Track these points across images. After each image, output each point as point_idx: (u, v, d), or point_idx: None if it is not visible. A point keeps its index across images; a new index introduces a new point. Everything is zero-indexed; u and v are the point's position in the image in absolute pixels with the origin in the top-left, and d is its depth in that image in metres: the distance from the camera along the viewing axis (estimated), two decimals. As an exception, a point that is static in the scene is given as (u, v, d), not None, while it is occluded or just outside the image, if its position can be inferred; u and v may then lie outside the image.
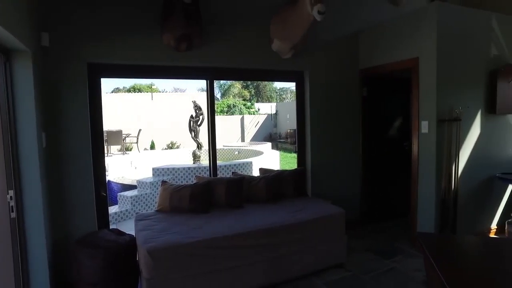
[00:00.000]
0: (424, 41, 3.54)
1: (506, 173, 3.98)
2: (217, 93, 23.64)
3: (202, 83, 22.70)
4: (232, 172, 3.95)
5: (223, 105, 19.74)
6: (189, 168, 6.28)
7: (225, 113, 19.15)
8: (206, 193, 3.36)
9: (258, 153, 9.09)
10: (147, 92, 18.33)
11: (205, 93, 4.47)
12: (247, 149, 10.50)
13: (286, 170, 3.92)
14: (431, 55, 3.47)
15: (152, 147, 13.30)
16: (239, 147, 11.33)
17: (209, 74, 3.68)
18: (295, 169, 3.99)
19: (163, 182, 3.50)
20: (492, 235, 4.05)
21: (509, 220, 3.82)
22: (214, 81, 3.81)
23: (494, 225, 4.08)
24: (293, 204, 3.46)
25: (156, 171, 6.32)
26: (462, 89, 3.63)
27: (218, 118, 17.22)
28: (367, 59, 4.29)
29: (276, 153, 10.09)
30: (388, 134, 4.70)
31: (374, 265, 3.42)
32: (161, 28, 3.19)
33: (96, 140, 3.15)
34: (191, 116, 8.13)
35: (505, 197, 4.12)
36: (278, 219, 3.04)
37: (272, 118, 18.59)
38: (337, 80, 4.23)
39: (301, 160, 4.18)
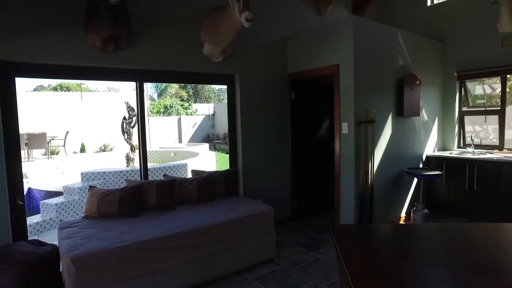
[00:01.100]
0: (343, 49, 3.88)
1: (411, 168, 4.55)
2: (154, 93, 22.89)
3: (137, 83, 21.68)
4: (164, 175, 3.93)
5: (159, 106, 19.18)
6: (121, 171, 6.05)
7: (162, 114, 18.63)
8: (136, 196, 3.31)
9: (194, 155, 9.05)
10: (77, 91, 17.08)
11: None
12: (183, 151, 10.39)
13: (217, 171, 4.02)
14: (349, 63, 3.82)
15: (83, 150, 12.45)
16: (175, 149, 11.14)
17: (139, 76, 3.62)
18: (227, 169, 4.10)
19: (91, 187, 3.36)
20: (401, 222, 4.58)
21: (414, 209, 4.38)
22: (146, 83, 3.76)
23: (403, 214, 4.63)
24: (224, 204, 3.57)
25: (85, 175, 5.98)
26: (376, 94, 4.06)
27: (155, 119, 16.71)
28: (295, 64, 4.56)
29: (213, 154, 10.14)
30: (316, 135, 5.04)
31: (302, 257, 3.67)
32: (85, 28, 3.07)
33: (9, 144, 2.92)
34: (124, 118, 7.83)
35: (411, 189, 4.70)
36: (209, 219, 3.12)
37: (210, 119, 18.56)
38: (267, 83, 4.44)
39: (233, 161, 4.31)
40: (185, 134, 16.99)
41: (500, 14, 4.42)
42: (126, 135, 7.62)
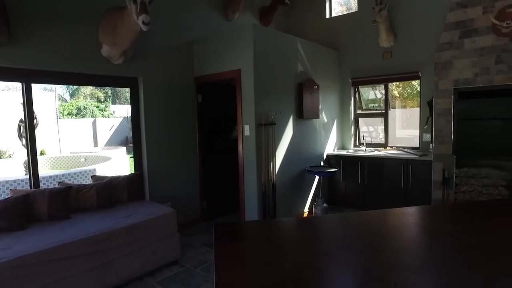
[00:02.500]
0: (244, 55, 4.06)
1: (312, 166, 4.96)
2: (65, 94, 20.96)
3: (45, 82, 19.61)
4: (59, 182, 3.68)
5: (71, 107, 17.64)
6: (14, 180, 5.45)
7: (74, 116, 17.16)
8: (22, 208, 3.05)
9: (107, 159, 8.56)
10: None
11: (45, 92, 3.99)
12: (95, 156, 9.74)
13: (120, 176, 3.90)
14: (250, 68, 4.02)
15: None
16: (87, 154, 10.39)
17: (25, 76, 3.33)
18: (130, 174, 4.00)
19: (-36, 200, 3.00)
20: (304, 216, 4.97)
21: (315, 203, 4.78)
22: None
23: (306, 209, 5.02)
24: (126, 209, 3.49)
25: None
26: (277, 98, 4.34)
27: (66, 122, 15.33)
28: (201, 67, 4.63)
29: (127, 157, 9.70)
30: (224, 136, 5.19)
31: (208, 257, 3.76)
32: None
33: None
34: (21, 120, 7.05)
35: (313, 186, 5.13)
36: (108, 226, 3.03)
37: (129, 121, 17.65)
38: (173, 87, 4.44)
39: (138, 165, 4.21)
40: (101, 138, 15.91)
41: (379, 31, 5.09)
42: (23, 139, 6.88)
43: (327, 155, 5.47)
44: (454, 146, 4.19)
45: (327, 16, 6.07)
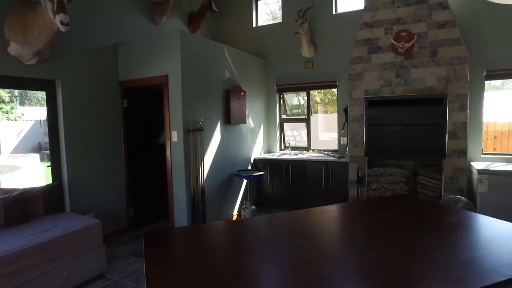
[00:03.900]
0: (172, 61, 4.04)
1: (240, 170, 5.12)
2: (-41, 93, 18.08)
3: None
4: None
5: (-33, 109, 15.32)
6: None
7: (-30, 119, 14.92)
8: None
9: (14, 169, 7.64)
10: None
11: None
12: None
13: (35, 187, 3.57)
14: (177, 74, 4.01)
15: None
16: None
17: None
18: (47, 185, 3.69)
19: None
20: (234, 219, 5.10)
21: (244, 206, 4.94)
22: None
23: (235, 212, 5.16)
24: (42, 224, 3.21)
25: None
26: (205, 104, 4.40)
27: (-41, 126, 13.27)
28: (127, 72, 4.47)
29: (42, 166, 8.78)
30: (153, 142, 5.07)
31: (137, 267, 3.64)
32: None
33: None
34: None
35: (241, 189, 5.29)
36: (16, 245, 2.74)
37: (43, 125, 15.97)
38: (96, 91, 4.21)
39: (56, 174, 3.90)
40: (5, 144, 14.09)
41: (301, 43, 5.48)
42: None
43: (254, 159, 5.69)
44: (366, 149, 4.71)
45: (254, 25, 6.32)
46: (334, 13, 5.55)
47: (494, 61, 4.54)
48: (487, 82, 4.67)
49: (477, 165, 4.34)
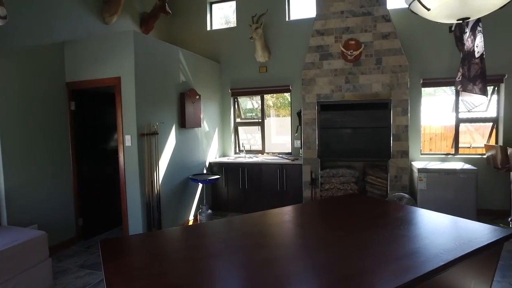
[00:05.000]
0: (125, 62, 3.90)
1: (196, 174, 5.07)
2: None
3: None
4: None
5: None
6: None
7: None
8: None
9: None
10: None
11: None
12: None
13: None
14: (130, 76, 3.88)
15: None
16: None
17: None
18: (-19, 195, 3.36)
19: None
20: (190, 224, 5.03)
21: (200, 211, 4.89)
22: None
23: (191, 217, 5.09)
24: (-23, 238, 2.92)
25: None
26: (159, 107, 4.30)
27: None
28: (75, 72, 4.21)
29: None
30: (105, 146, 4.83)
31: (88, 279, 3.43)
32: None
33: None
34: None
35: (197, 193, 5.23)
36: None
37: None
38: (39, 93, 3.90)
39: (-9, 184, 3.55)
40: None
41: (255, 47, 5.58)
42: None
43: (210, 163, 5.66)
44: (319, 151, 4.92)
45: (208, 28, 6.31)
46: (287, 20, 5.74)
47: (429, 70, 5.02)
48: (423, 89, 5.14)
49: (417, 164, 4.74)
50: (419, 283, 1.45)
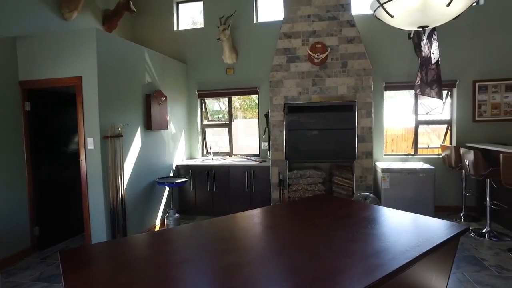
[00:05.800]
0: (86, 61, 3.72)
1: (162, 178, 4.93)
2: None
3: None
4: None
5: None
6: None
7: None
8: None
9: None
10: None
11: None
12: None
13: None
14: (93, 76, 3.71)
15: None
16: None
17: None
18: None
19: None
20: (156, 229, 4.88)
21: (167, 215, 4.77)
22: None
23: (158, 221, 4.94)
24: None
25: None
26: (124, 108, 4.14)
27: None
28: (30, 71, 3.95)
29: None
30: (64, 150, 4.56)
31: (43, 292, 3.23)
32: None
33: None
34: None
35: (164, 197, 5.10)
36: None
37: None
38: (-11, 92, 3.63)
39: None
40: None
41: (223, 49, 5.55)
42: None
43: (177, 166, 5.54)
44: (286, 152, 4.97)
45: (175, 28, 6.18)
46: (255, 22, 5.76)
47: (390, 74, 5.24)
48: (385, 92, 5.36)
49: (380, 164, 4.93)
50: (388, 280, 1.50)
